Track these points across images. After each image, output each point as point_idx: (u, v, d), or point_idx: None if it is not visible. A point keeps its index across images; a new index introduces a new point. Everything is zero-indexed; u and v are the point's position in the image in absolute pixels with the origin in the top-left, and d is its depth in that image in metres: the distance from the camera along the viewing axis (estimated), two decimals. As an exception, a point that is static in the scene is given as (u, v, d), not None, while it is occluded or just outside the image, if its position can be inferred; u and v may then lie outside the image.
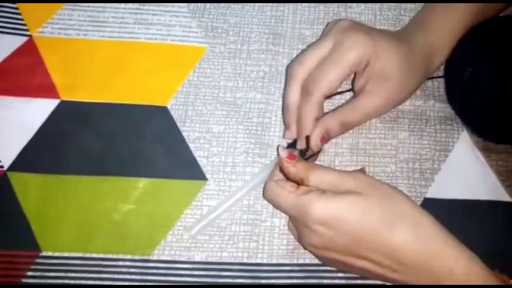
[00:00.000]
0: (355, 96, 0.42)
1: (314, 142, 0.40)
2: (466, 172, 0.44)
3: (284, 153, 0.38)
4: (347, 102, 0.43)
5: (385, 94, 0.41)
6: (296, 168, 0.37)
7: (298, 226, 0.37)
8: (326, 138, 0.40)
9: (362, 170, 0.41)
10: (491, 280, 0.33)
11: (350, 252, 0.35)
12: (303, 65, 0.40)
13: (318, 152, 0.42)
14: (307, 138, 0.40)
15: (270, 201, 0.38)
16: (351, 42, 0.39)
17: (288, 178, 0.37)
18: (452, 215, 0.42)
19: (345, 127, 0.42)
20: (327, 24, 0.43)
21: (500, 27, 0.42)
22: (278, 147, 0.39)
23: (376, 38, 0.39)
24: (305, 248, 0.38)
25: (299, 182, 0.37)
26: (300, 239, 0.38)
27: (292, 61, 0.42)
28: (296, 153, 0.38)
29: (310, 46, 0.41)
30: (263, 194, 0.40)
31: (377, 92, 0.41)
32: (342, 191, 0.35)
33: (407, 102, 0.46)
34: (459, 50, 0.43)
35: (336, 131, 0.41)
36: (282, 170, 0.38)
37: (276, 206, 0.38)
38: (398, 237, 0.33)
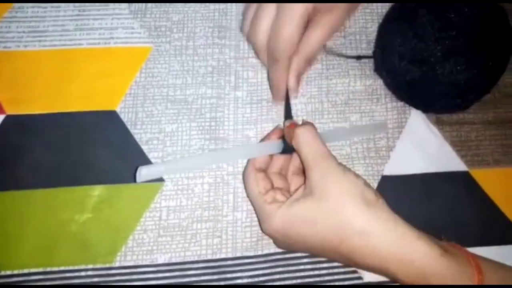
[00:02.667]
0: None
1: (293, 89, 0.41)
2: (421, 146, 0.44)
3: (288, 122, 0.40)
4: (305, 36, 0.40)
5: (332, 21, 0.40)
6: (291, 132, 0.38)
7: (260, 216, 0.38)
8: (299, 79, 0.42)
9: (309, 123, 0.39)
10: (441, 261, 0.33)
11: (309, 252, 0.39)
12: (260, 33, 0.39)
13: None
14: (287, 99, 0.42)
15: (244, 183, 0.41)
16: None
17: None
18: (410, 190, 0.43)
19: (310, 62, 0.42)
20: None
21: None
22: (284, 122, 0.41)
23: None
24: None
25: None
26: (261, 225, 0.39)
27: (243, 26, 0.42)
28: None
29: (255, 7, 0.40)
30: (243, 173, 0.42)
31: (323, 23, 0.39)
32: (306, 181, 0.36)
33: (358, 82, 0.46)
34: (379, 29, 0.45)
35: (304, 70, 0.42)
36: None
37: (246, 194, 0.41)
38: (347, 245, 0.34)
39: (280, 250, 0.40)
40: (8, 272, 0.39)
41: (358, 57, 0.46)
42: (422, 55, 0.38)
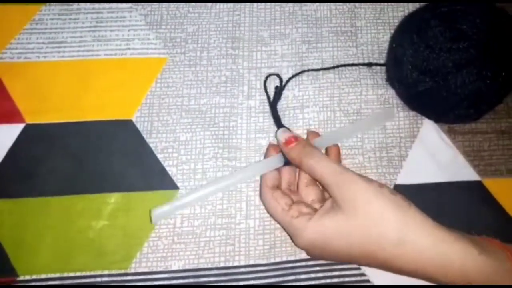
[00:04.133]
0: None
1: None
2: (434, 155, 0.44)
3: (283, 137, 0.40)
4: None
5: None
6: (293, 152, 0.38)
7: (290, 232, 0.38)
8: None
9: (314, 133, 0.41)
10: (479, 259, 0.33)
11: (345, 261, 0.39)
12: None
13: None
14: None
15: (264, 205, 0.40)
16: None
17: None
18: (423, 199, 0.42)
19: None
20: None
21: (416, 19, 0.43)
22: (276, 131, 0.41)
23: None
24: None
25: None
26: (293, 240, 0.38)
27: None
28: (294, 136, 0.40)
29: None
30: (259, 195, 0.42)
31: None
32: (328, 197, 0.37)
33: (370, 91, 0.46)
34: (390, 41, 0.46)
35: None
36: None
37: (269, 214, 0.41)
38: (384, 255, 0.34)
39: (292, 259, 0.41)
40: (27, 277, 0.40)
41: (370, 64, 0.47)
42: (434, 66, 0.39)
